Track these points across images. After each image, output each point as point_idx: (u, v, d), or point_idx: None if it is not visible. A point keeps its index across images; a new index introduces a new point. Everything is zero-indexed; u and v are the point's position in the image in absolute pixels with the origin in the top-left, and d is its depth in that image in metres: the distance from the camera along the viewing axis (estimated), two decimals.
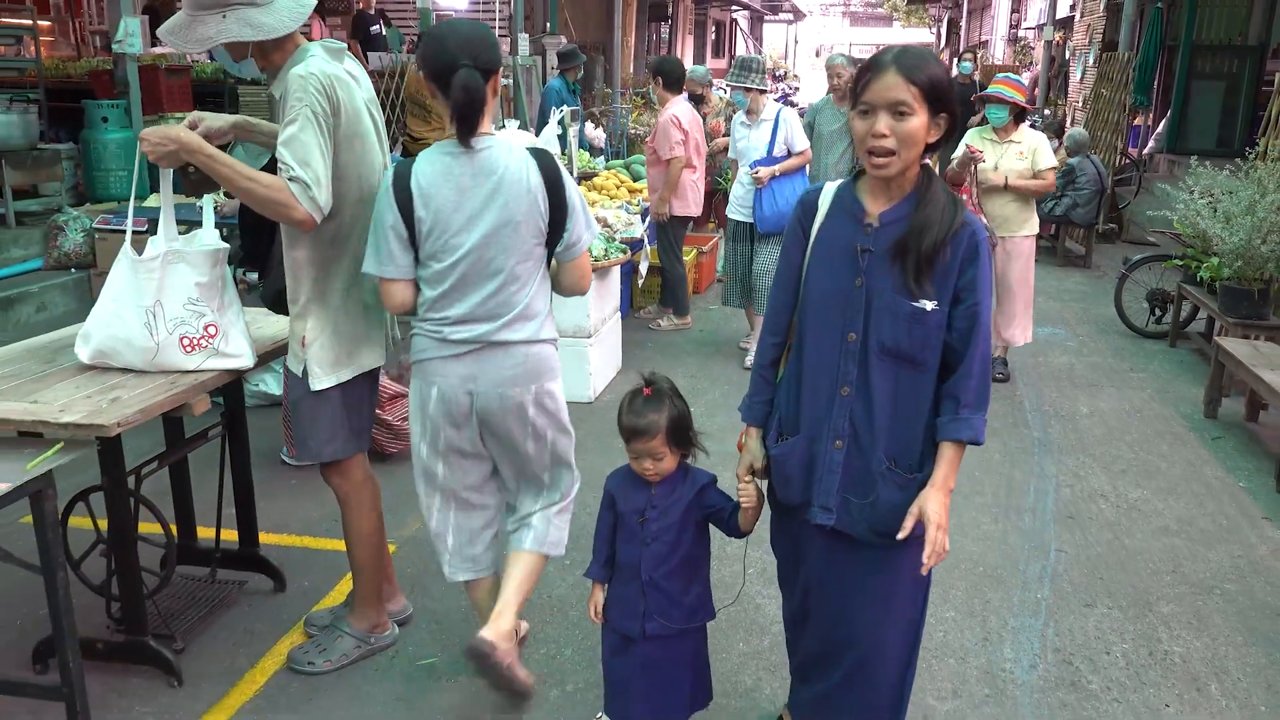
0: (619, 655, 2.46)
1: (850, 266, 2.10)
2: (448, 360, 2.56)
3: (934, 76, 1.99)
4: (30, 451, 2.41)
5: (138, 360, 2.73)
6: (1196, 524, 4.17)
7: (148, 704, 2.84)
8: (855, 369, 2.11)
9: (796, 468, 2.20)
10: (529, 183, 2.49)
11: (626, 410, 2.36)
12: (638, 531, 2.37)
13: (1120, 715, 2.91)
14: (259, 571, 3.49)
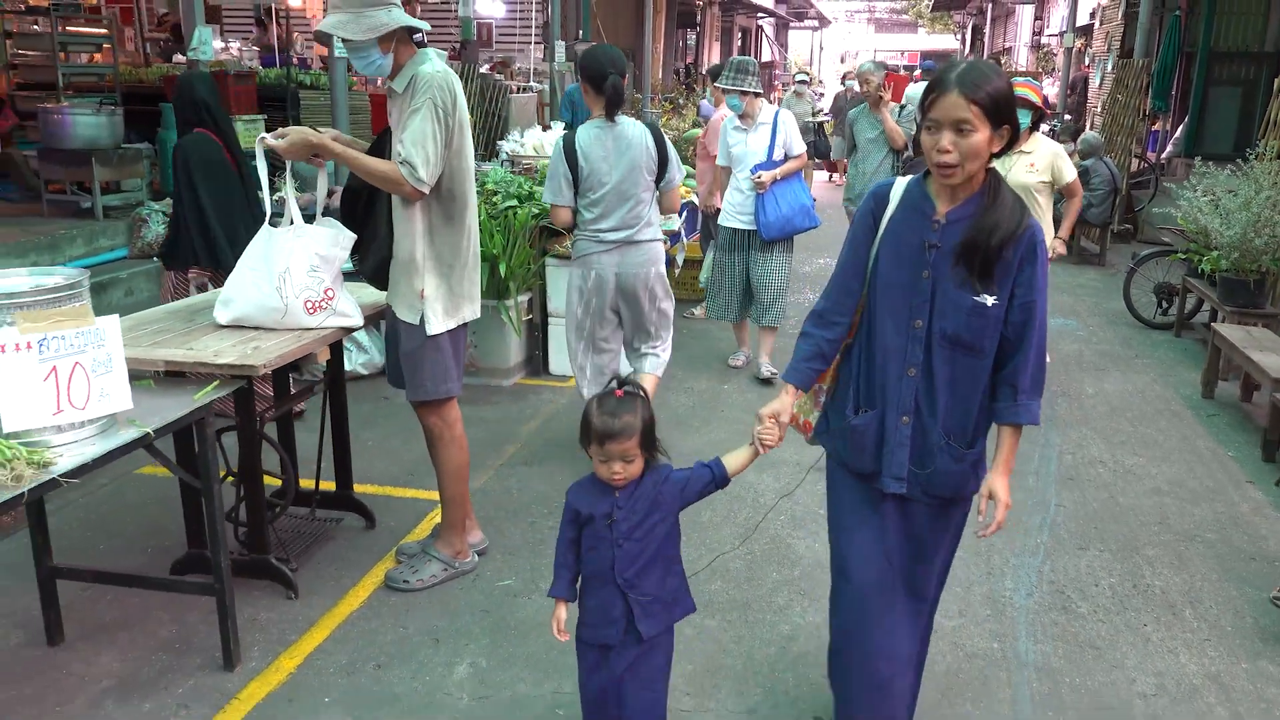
0: (598, 670, 2.42)
1: (918, 260, 2.26)
2: (602, 254, 4.20)
3: (994, 94, 2.12)
4: (191, 388, 2.93)
5: (268, 320, 3.24)
6: (1186, 485, 4.60)
7: (271, 611, 3.36)
8: (921, 353, 2.28)
9: (871, 440, 2.36)
10: (646, 143, 4.16)
11: (598, 412, 2.31)
12: (606, 535, 2.34)
13: (1104, 632, 3.36)
14: (353, 511, 4.00)
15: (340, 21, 3.08)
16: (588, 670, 2.45)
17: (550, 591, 2.42)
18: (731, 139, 5.84)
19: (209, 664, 3.06)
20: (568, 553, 2.41)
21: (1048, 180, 5.38)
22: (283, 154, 3.18)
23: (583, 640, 2.43)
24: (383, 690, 2.97)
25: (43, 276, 2.61)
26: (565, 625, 2.40)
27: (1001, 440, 2.31)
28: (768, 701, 2.95)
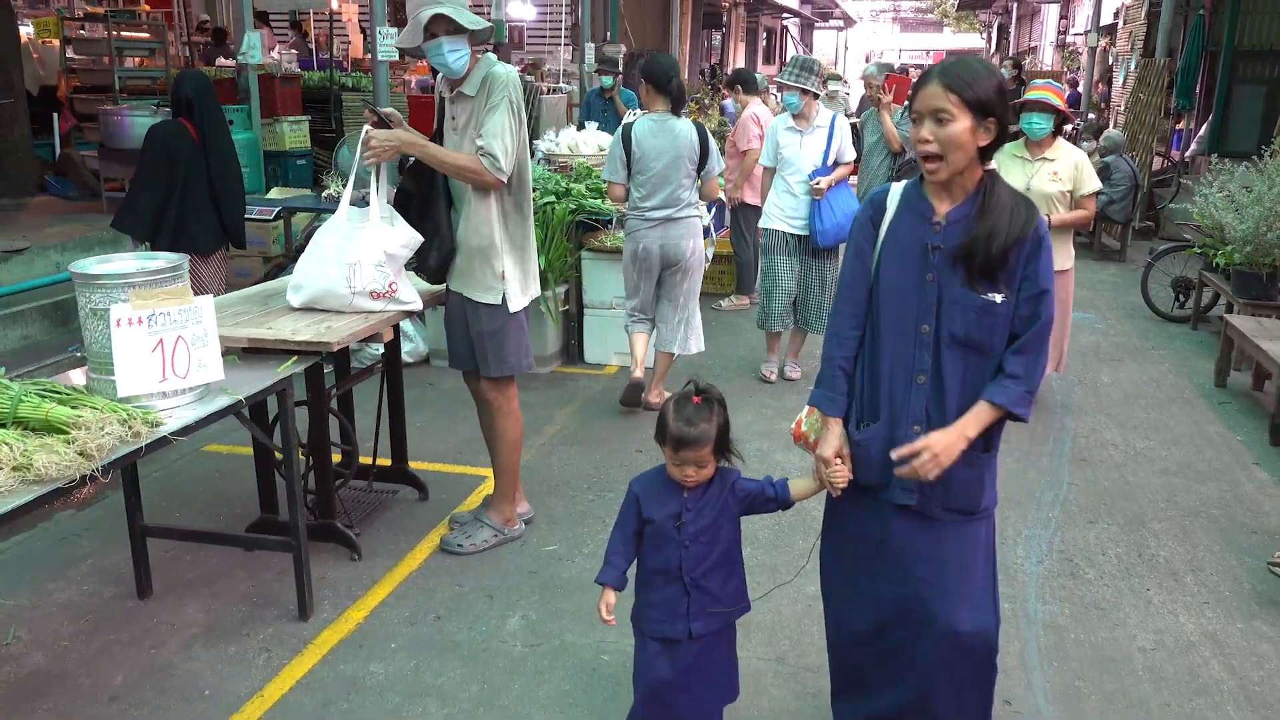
0: (659, 659, 2.46)
1: (921, 262, 2.23)
2: (648, 229, 5.08)
3: (974, 84, 2.12)
4: (272, 363, 3.23)
5: (336, 305, 3.54)
6: (1194, 466, 4.82)
7: (338, 571, 3.67)
8: (929, 359, 2.23)
9: (878, 452, 2.30)
10: (690, 138, 5.01)
11: (675, 418, 2.36)
12: (674, 535, 2.39)
13: (1108, 595, 3.61)
14: (407, 484, 4.31)
15: (455, 10, 3.33)
16: (648, 659, 2.47)
17: (599, 578, 2.46)
18: (783, 140, 5.70)
19: (285, 615, 3.37)
20: (625, 544, 2.46)
21: (1070, 190, 5.05)
22: (377, 155, 3.42)
23: (645, 633, 2.48)
24: (443, 638, 3.26)
25: (148, 260, 2.92)
26: (612, 610, 2.45)
27: (972, 409, 2.21)
28: (794, 650, 3.22)
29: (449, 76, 3.49)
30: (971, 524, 2.32)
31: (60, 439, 2.41)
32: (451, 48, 3.38)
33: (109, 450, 2.43)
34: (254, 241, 7.28)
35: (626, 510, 2.47)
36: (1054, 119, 4.98)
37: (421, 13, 3.34)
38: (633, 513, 2.45)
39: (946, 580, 2.31)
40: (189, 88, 5.08)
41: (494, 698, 2.96)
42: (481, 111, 3.41)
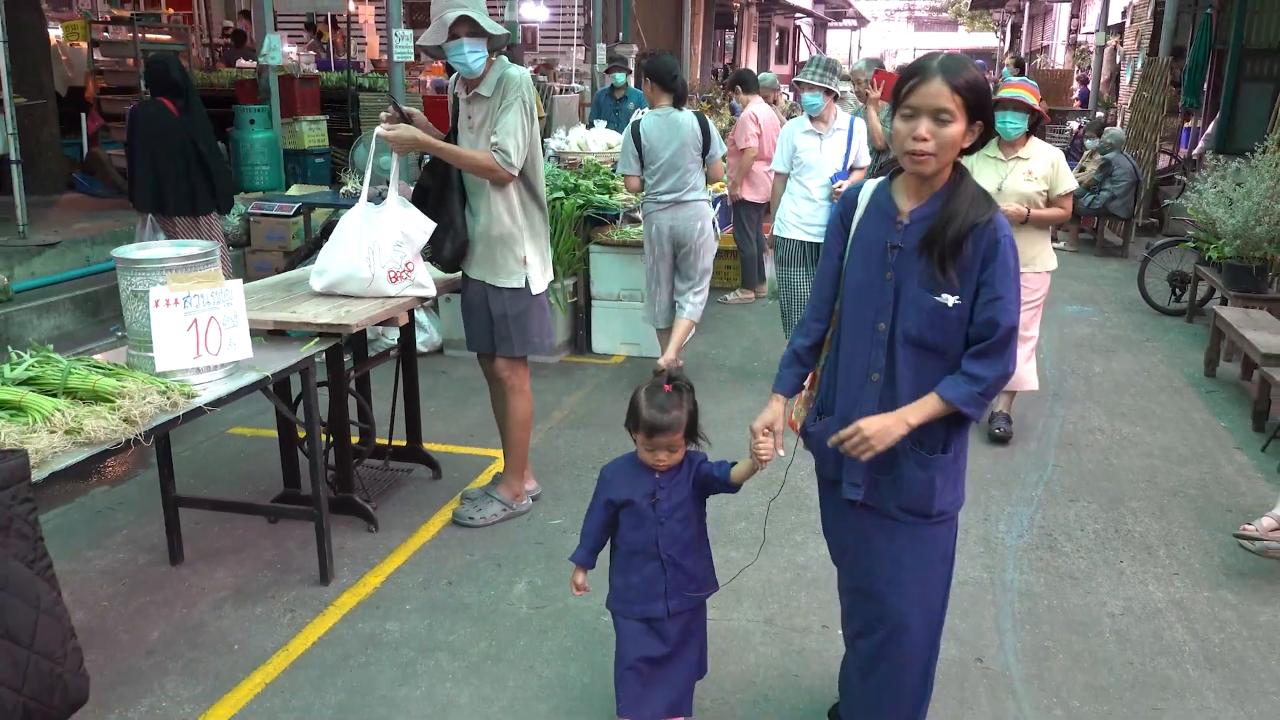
0: (645, 637, 2.55)
1: (882, 261, 2.24)
2: (659, 211, 5.49)
3: (976, 85, 2.12)
4: (295, 345, 3.47)
5: (357, 287, 3.78)
6: (1176, 451, 5.01)
7: (356, 541, 3.90)
8: (884, 356, 2.25)
9: (831, 446, 2.31)
10: (693, 127, 5.43)
11: (648, 406, 2.47)
12: (650, 513, 2.49)
13: (1082, 567, 3.81)
14: (421, 463, 4.54)
15: (479, 13, 3.56)
16: (629, 640, 2.57)
17: (572, 556, 2.65)
18: (801, 144, 5.49)
19: (307, 580, 3.61)
20: (598, 528, 2.60)
21: (1046, 189, 4.81)
22: (393, 149, 3.70)
23: (623, 615, 2.58)
24: (455, 601, 3.50)
25: (183, 247, 3.16)
26: (585, 586, 2.68)
27: (921, 399, 2.21)
28: (783, 613, 3.44)
29: (466, 76, 3.71)
30: (928, 527, 2.31)
31: (106, 407, 2.65)
32: (472, 49, 3.59)
33: (150, 417, 2.67)
34: (274, 236, 7.55)
35: (599, 495, 2.59)
36: (1028, 118, 4.77)
37: (447, 14, 3.55)
38: (604, 497, 2.57)
39: (901, 576, 2.34)
40: (175, 71, 5.92)
41: (501, 652, 3.19)
42: (497, 111, 3.64)
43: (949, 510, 2.33)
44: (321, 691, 3.00)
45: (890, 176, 2.32)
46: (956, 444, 2.30)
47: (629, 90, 10.26)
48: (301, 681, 3.04)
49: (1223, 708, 2.98)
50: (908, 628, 2.35)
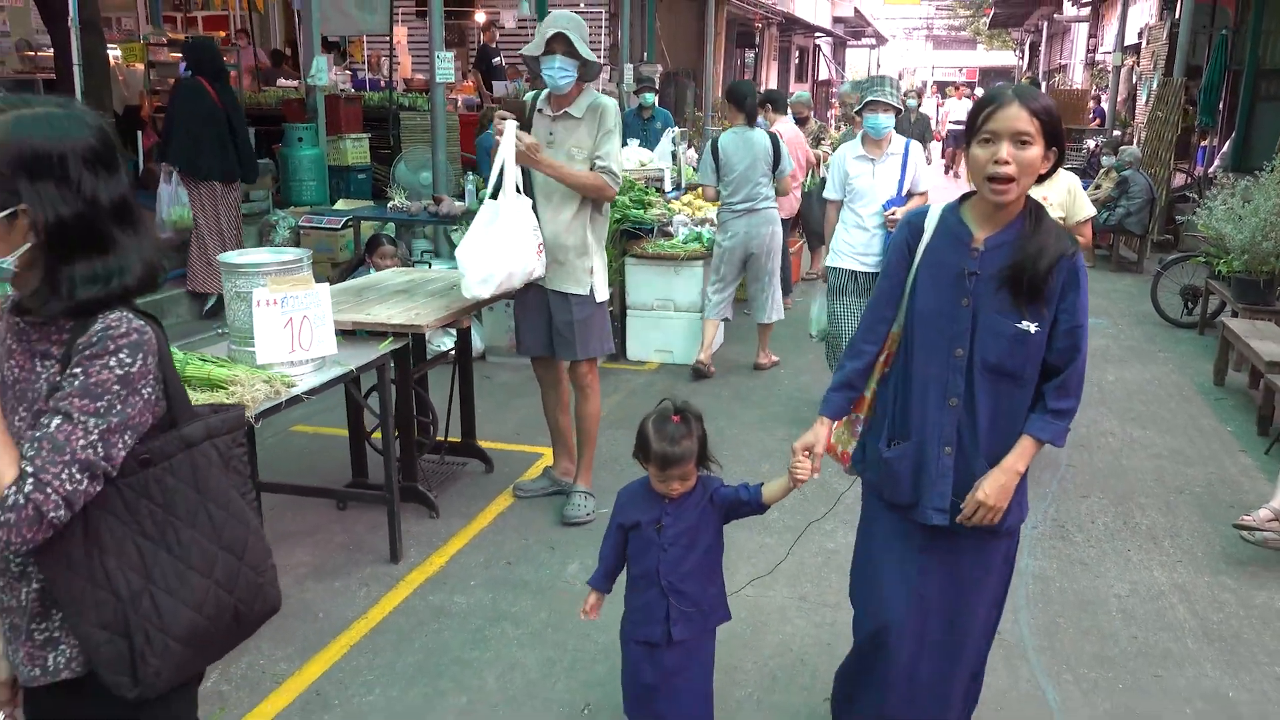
0: (642, 664, 2.56)
1: (957, 288, 2.25)
2: (734, 219, 6.31)
3: (1051, 110, 2.18)
4: (370, 344, 3.82)
5: (520, 279, 3.96)
6: (1184, 453, 5.29)
7: (419, 526, 4.24)
8: (962, 382, 2.27)
9: (907, 471, 2.34)
10: (765, 145, 6.24)
11: (657, 438, 2.46)
12: (655, 539, 2.49)
13: (1092, 555, 4.10)
14: (475, 457, 4.89)
15: (574, 36, 3.85)
16: (632, 664, 2.60)
17: (590, 580, 2.69)
18: (853, 170, 5.25)
19: (378, 559, 3.96)
20: (612, 552, 2.62)
21: (1063, 216, 4.63)
22: (520, 158, 3.87)
23: (628, 637, 2.60)
24: (514, 578, 3.83)
25: (280, 254, 3.53)
26: (595, 611, 2.67)
27: (1017, 444, 2.28)
28: (815, 591, 3.75)
29: (555, 92, 3.98)
30: (997, 541, 2.39)
31: (221, 393, 3.00)
32: (562, 66, 3.87)
33: (259, 402, 3.03)
34: (322, 248, 7.94)
35: (612, 519, 2.63)
36: None
37: (548, 30, 3.87)
38: (618, 521, 2.59)
39: (969, 591, 2.39)
40: (211, 54, 7.31)
41: (560, 622, 3.52)
42: (596, 134, 3.95)
43: (1015, 524, 2.39)
44: (401, 653, 3.33)
45: (960, 202, 2.35)
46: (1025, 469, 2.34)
47: (656, 110, 10.65)
48: (382, 644, 3.38)
49: (1218, 676, 3.27)
50: (969, 649, 2.43)
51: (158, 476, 1.63)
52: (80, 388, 1.52)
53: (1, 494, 1.45)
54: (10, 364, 1.60)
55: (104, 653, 1.58)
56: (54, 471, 1.47)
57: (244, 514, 1.73)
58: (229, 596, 1.68)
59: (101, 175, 1.55)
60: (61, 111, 1.57)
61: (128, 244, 1.58)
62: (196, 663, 1.69)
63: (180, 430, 1.66)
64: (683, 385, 6.31)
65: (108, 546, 1.58)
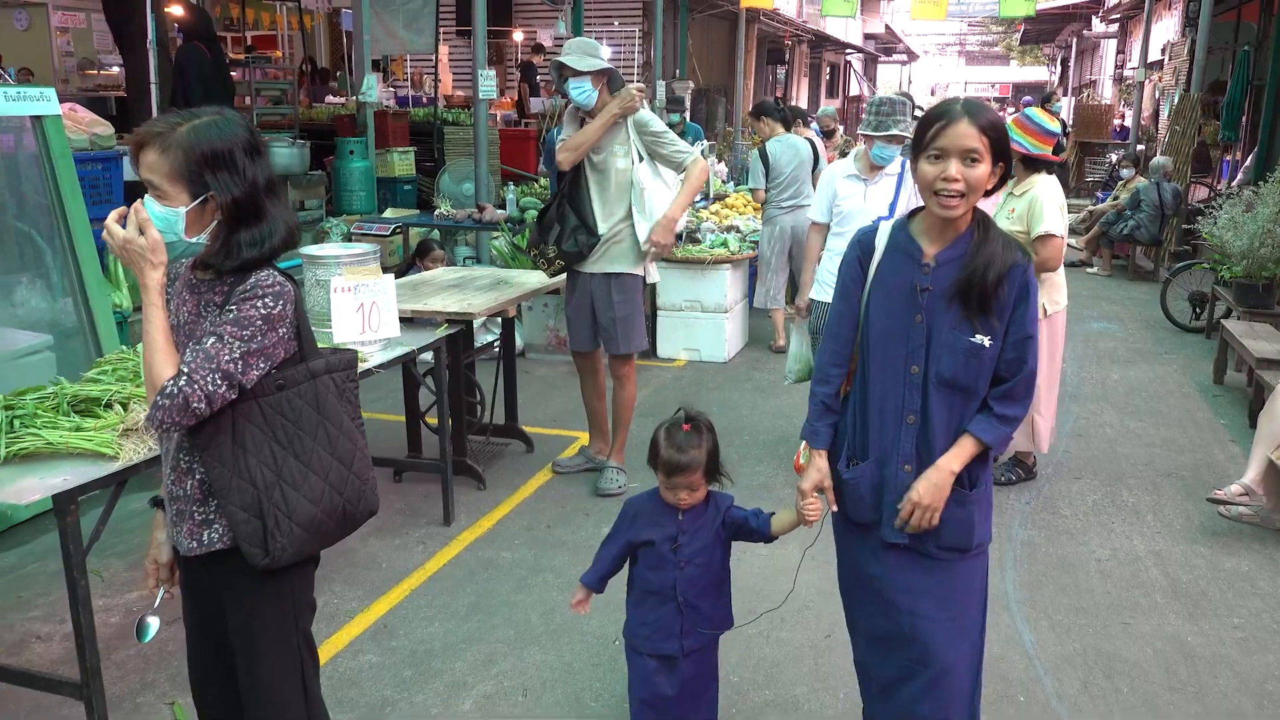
0: (658, 675, 2.57)
1: (910, 304, 2.25)
2: (783, 215, 7.20)
3: (998, 125, 2.18)
4: (426, 331, 4.31)
5: None
6: (1176, 442, 5.66)
7: (468, 496, 4.72)
8: (919, 398, 2.27)
9: (868, 490, 2.34)
10: (807, 148, 7.32)
11: (666, 445, 2.48)
12: (670, 557, 2.50)
13: (1078, 526, 4.50)
14: (516, 439, 5.37)
15: (571, 59, 4.38)
16: (643, 675, 2.60)
17: (583, 577, 2.70)
18: (842, 190, 4.78)
19: (432, 522, 4.44)
20: (612, 560, 2.63)
21: (1023, 230, 4.43)
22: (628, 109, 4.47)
23: (637, 650, 2.61)
24: (554, 539, 4.30)
25: (352, 247, 4.03)
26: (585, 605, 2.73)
27: (956, 443, 2.28)
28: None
29: (583, 107, 4.47)
30: (966, 561, 2.36)
31: None
32: (576, 85, 4.41)
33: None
34: None
35: (620, 527, 2.64)
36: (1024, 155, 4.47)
37: (570, 58, 4.39)
38: (624, 532, 2.60)
39: (942, 615, 2.34)
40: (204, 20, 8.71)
41: None
42: (644, 140, 4.48)
43: (984, 542, 2.39)
44: (456, 595, 3.81)
45: (908, 218, 2.36)
46: (985, 477, 2.36)
47: (687, 124, 11.14)
48: (439, 589, 3.86)
49: (1180, 624, 3.67)
50: (952, 667, 2.35)
51: (289, 398, 2.11)
52: (233, 319, 2.01)
53: (163, 386, 1.94)
54: (184, 310, 2.10)
55: (244, 530, 2.06)
56: (202, 374, 1.95)
57: (353, 434, 2.21)
58: (339, 497, 2.16)
59: (256, 160, 2.05)
60: (220, 118, 2.07)
61: (276, 213, 2.08)
62: (312, 546, 2.16)
63: (308, 364, 2.15)
64: (709, 380, 6.76)
65: (250, 449, 2.06)
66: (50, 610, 3.69)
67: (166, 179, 1.98)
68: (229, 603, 2.18)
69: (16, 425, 2.75)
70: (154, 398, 1.96)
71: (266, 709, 2.19)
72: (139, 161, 2.02)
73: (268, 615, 2.17)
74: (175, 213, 1.98)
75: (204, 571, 2.18)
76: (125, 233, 1.99)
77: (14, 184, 4.75)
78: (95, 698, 2.68)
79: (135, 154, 2.02)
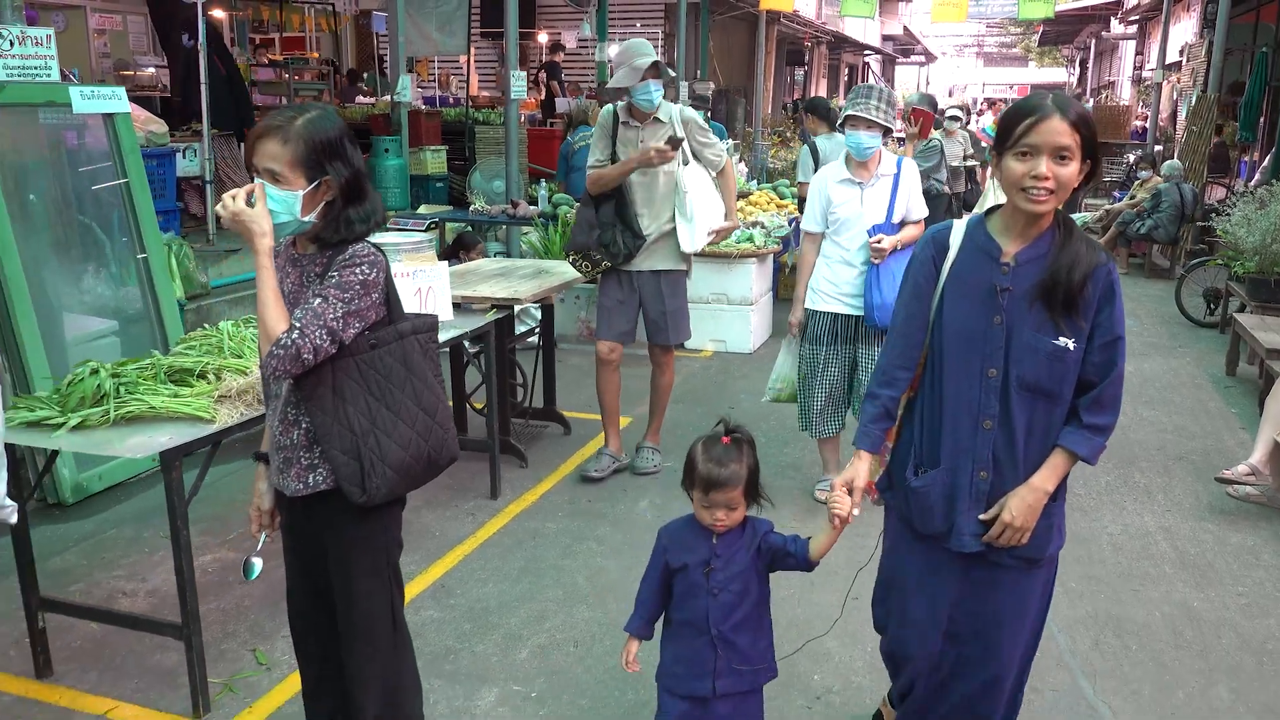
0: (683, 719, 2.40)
1: (988, 305, 2.18)
2: None
3: (1089, 121, 2.11)
4: (476, 315, 4.59)
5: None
6: (1188, 429, 5.88)
7: (512, 473, 4.99)
8: (996, 403, 2.19)
9: (939, 498, 2.26)
10: None
11: (704, 458, 2.31)
12: (703, 583, 2.32)
13: (1091, 504, 4.74)
14: (554, 421, 5.65)
15: (620, 76, 4.57)
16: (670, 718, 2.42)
17: (627, 626, 2.48)
18: (836, 196, 4.44)
19: (480, 495, 4.72)
20: (653, 595, 2.44)
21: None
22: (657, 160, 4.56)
23: (669, 690, 2.41)
24: (594, 511, 4.57)
25: (411, 236, 4.32)
26: (636, 662, 2.47)
27: (1049, 459, 2.24)
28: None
29: (647, 110, 4.63)
30: (1039, 569, 2.33)
31: None
32: (656, 87, 4.59)
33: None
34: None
35: (655, 559, 2.45)
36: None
37: (638, 60, 4.49)
38: (661, 561, 2.42)
39: (1015, 625, 2.33)
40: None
41: (636, 540, 4.24)
42: (692, 139, 4.69)
43: (1054, 552, 2.36)
44: (506, 560, 4.08)
45: (985, 216, 2.28)
46: (1063, 487, 2.33)
47: (711, 124, 11.37)
48: (490, 554, 4.14)
49: (1187, 591, 3.90)
50: (1008, 671, 2.36)
51: (380, 356, 2.39)
52: (336, 284, 2.28)
53: (278, 338, 2.23)
54: (288, 281, 2.38)
55: (344, 471, 2.33)
56: (311, 329, 2.24)
57: (436, 388, 2.49)
58: (425, 443, 2.44)
59: (356, 148, 2.34)
60: (325, 111, 2.35)
61: (372, 194, 2.36)
62: (402, 486, 2.44)
63: (396, 326, 2.43)
64: (736, 369, 7.02)
65: (348, 400, 2.34)
66: (132, 570, 3.98)
67: (287, 166, 2.26)
68: (329, 540, 2.46)
69: (121, 392, 3.03)
70: (268, 348, 2.24)
71: (361, 632, 2.47)
72: (256, 152, 2.29)
73: (363, 548, 2.45)
74: (294, 195, 2.26)
75: (306, 513, 2.46)
76: (235, 205, 2.27)
77: (87, 177, 5.05)
78: (194, 637, 2.96)
79: (252, 145, 2.30)
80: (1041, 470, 2.22)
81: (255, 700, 3.14)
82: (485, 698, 3.18)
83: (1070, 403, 2.21)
